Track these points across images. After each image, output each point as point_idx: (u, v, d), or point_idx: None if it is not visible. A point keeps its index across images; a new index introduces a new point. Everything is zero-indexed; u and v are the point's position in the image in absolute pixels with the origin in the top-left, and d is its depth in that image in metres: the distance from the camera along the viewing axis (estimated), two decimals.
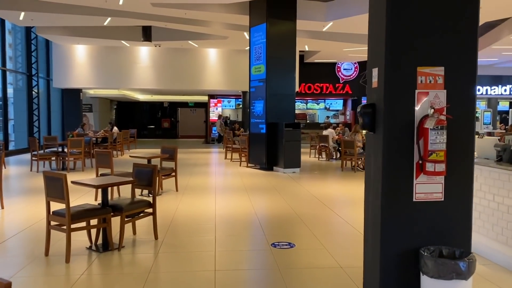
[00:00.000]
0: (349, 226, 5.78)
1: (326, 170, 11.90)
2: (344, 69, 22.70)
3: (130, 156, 8.24)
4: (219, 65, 20.08)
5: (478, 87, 20.71)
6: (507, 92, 23.73)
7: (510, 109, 25.24)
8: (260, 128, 11.49)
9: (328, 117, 23.79)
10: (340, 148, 14.49)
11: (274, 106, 11.30)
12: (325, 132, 14.35)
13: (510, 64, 22.30)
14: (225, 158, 14.44)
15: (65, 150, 11.15)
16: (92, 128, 20.47)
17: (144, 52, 19.49)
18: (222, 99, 23.60)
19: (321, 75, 22.35)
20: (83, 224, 4.59)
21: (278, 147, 11.11)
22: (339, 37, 16.27)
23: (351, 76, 22.72)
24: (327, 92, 22.60)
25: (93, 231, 4.84)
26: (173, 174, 8.28)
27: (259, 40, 11.47)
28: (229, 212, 6.62)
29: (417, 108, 3.16)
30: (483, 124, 24.15)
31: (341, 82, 22.72)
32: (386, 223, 3.20)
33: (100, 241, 4.80)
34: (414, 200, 3.20)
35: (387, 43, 3.13)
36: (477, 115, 25.53)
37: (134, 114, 28.47)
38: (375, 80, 3.33)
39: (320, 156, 14.42)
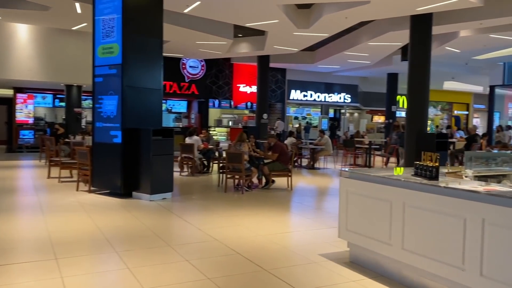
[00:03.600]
0: None
1: (204, 192, 9.01)
2: (190, 66, 20.01)
3: None
4: (33, 48, 15.07)
5: (317, 93, 20.50)
6: (342, 100, 24.61)
7: (343, 116, 26.48)
8: (112, 136, 7.92)
9: (179, 118, 20.72)
10: (204, 160, 11.81)
11: (135, 105, 7.90)
12: (188, 140, 11.42)
13: (347, 73, 23.05)
14: (49, 176, 10.14)
15: None
16: None
17: None
18: (34, 94, 18.20)
19: (166, 71, 19.05)
20: None
21: (141, 164, 7.76)
22: (199, 25, 13.54)
23: (198, 75, 20.18)
24: (171, 91, 19.55)
25: None
26: None
27: (110, 9, 7.91)
28: None
29: None
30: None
31: (186, 81, 19.96)
32: None
33: None
34: None
35: None
36: (315, 122, 26.03)
37: None
38: None
39: (182, 170, 11.40)
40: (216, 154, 11.96)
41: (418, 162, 4.03)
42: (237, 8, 11.18)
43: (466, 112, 32.73)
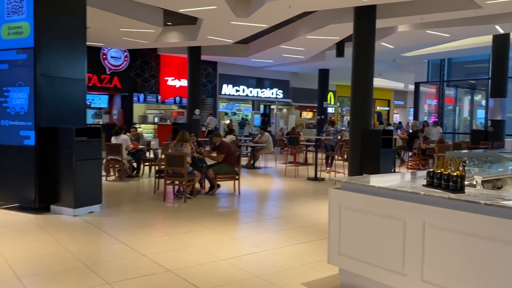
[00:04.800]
0: None
1: (138, 201, 7.70)
2: (111, 57, 18.14)
3: None
4: None
5: (250, 88, 19.72)
6: (274, 96, 24.08)
7: (276, 112, 26.04)
8: (23, 137, 6.36)
9: (99, 114, 18.69)
10: (134, 162, 10.43)
11: (52, 99, 6.42)
12: (115, 140, 9.96)
13: (279, 68, 22.52)
14: None
15: None
16: None
17: None
18: None
19: None
20: None
21: (62, 171, 6.31)
22: (124, 9, 12.03)
23: (121, 67, 18.37)
24: (90, 84, 17.54)
25: None
26: None
27: None
28: None
29: None
30: (254, 126, 23.93)
31: (108, 73, 18.08)
32: None
33: None
34: None
35: None
36: (248, 118, 25.25)
37: None
38: None
39: (108, 175, 9.91)
40: (149, 155, 10.67)
41: (432, 170, 3.28)
42: None
43: (387, 108, 34.09)
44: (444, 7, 10.83)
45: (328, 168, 11.30)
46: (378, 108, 32.80)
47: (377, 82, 26.82)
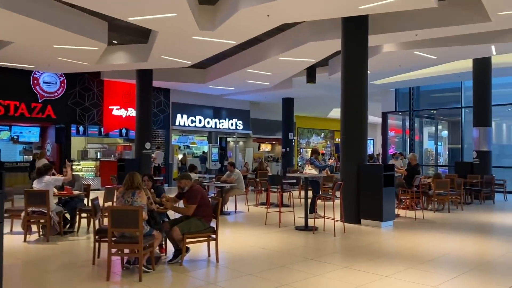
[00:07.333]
0: None
1: (69, 284, 5.05)
2: (44, 82, 15.25)
3: None
4: None
5: (207, 119, 17.34)
6: (234, 127, 21.93)
7: (235, 145, 23.83)
8: None
9: (29, 150, 15.55)
10: (66, 212, 7.75)
11: None
12: (38, 185, 7.24)
13: (238, 97, 20.55)
14: None
15: None
16: None
17: None
18: None
19: (10, 87, 14.31)
20: None
21: None
22: (59, 19, 9.56)
23: (56, 94, 15.50)
24: (17, 114, 14.54)
25: None
26: None
27: None
28: None
29: None
30: (212, 161, 21.52)
31: (40, 101, 15.14)
32: None
33: None
34: None
35: None
36: (204, 151, 22.84)
37: None
38: None
39: (28, 233, 7.11)
40: (87, 203, 8.06)
41: None
42: None
43: None
44: (445, 21, 9.33)
45: (315, 213, 9.15)
46: (337, 140, 31.64)
47: (335, 113, 25.58)
